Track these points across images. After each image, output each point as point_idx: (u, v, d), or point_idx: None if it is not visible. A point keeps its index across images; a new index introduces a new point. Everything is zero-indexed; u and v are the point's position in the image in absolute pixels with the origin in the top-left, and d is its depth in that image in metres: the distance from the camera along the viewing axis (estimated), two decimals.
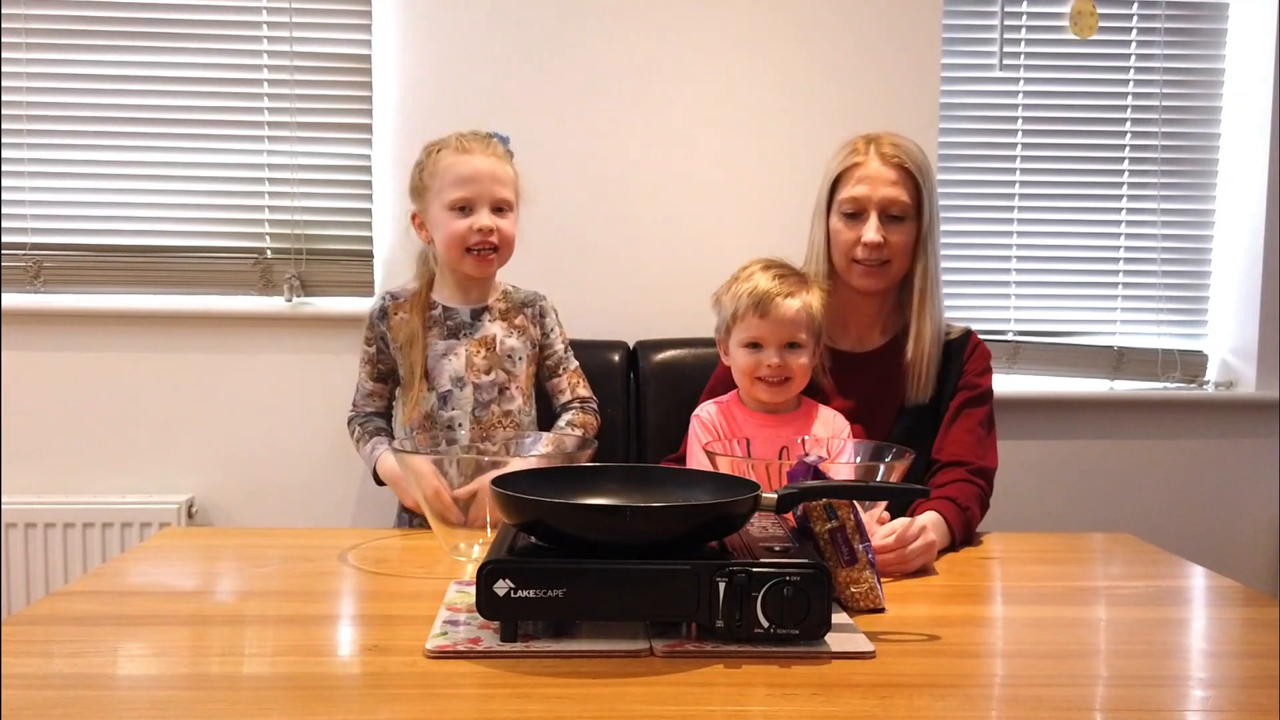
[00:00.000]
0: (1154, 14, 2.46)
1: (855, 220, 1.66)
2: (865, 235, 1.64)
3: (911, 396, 1.68)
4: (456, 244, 1.66)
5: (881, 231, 1.63)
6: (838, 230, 1.68)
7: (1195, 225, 2.52)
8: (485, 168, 1.65)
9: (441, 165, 1.65)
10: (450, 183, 1.64)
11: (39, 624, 1.10)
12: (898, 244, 1.65)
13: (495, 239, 1.66)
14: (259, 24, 2.30)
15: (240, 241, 2.34)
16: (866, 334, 1.75)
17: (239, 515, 2.32)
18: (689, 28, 2.31)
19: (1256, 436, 2.47)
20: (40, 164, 2.29)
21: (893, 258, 1.66)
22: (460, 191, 1.64)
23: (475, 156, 1.65)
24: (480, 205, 1.65)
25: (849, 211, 1.67)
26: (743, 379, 1.61)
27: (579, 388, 1.81)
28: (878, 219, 1.64)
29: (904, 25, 2.33)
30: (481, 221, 1.64)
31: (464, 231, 1.64)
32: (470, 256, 1.67)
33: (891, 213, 1.65)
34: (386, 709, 0.90)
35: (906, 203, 1.65)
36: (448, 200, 1.65)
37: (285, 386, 2.31)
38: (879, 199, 1.64)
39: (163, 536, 1.53)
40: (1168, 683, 1.01)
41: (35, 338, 2.27)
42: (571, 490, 1.15)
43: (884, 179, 1.64)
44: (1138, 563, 1.48)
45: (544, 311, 1.79)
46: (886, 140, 1.68)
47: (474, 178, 1.64)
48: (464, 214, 1.65)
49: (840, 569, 1.16)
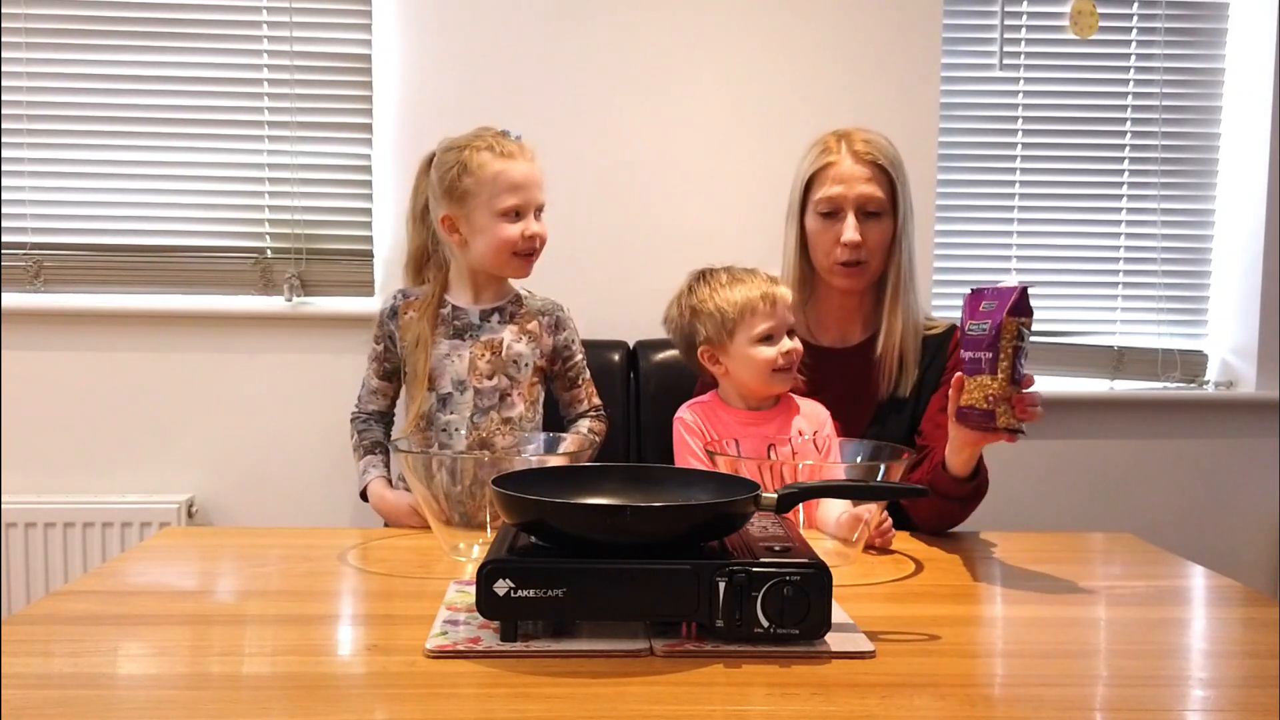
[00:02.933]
0: (1154, 14, 2.46)
1: (832, 220, 1.67)
2: (844, 235, 1.65)
3: (883, 390, 1.70)
4: (506, 249, 1.68)
5: (859, 230, 1.64)
6: (815, 231, 1.69)
7: (1195, 225, 2.52)
8: (530, 173, 1.68)
9: (488, 171, 1.65)
10: (502, 190, 1.65)
11: (39, 624, 1.10)
12: (875, 241, 1.66)
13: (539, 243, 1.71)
14: (259, 24, 2.30)
15: (240, 241, 2.34)
16: (848, 330, 1.77)
17: (239, 515, 2.32)
18: (689, 28, 2.31)
19: (1256, 436, 2.47)
20: (40, 164, 2.29)
21: (871, 256, 1.67)
22: (513, 199, 1.66)
23: (519, 163, 1.67)
24: (528, 211, 1.68)
25: (825, 211, 1.67)
26: (760, 374, 1.60)
27: (594, 396, 1.85)
28: (855, 217, 1.65)
29: (904, 25, 2.33)
30: (533, 228, 1.68)
31: (516, 238, 1.67)
32: (516, 259, 1.70)
33: (868, 210, 1.65)
34: (386, 709, 0.90)
35: (882, 199, 1.66)
36: (500, 207, 1.66)
37: (285, 386, 2.31)
38: (855, 197, 1.65)
39: (163, 536, 1.53)
40: (1168, 683, 1.01)
41: (35, 338, 2.27)
42: (571, 490, 1.15)
43: (859, 177, 1.65)
44: (1138, 563, 1.48)
45: (561, 324, 1.80)
46: (858, 137, 1.68)
47: (523, 184, 1.67)
48: (514, 220, 1.67)
49: (1007, 384, 1.25)
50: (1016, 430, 1.29)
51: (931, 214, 2.37)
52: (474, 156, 1.66)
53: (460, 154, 1.68)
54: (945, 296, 2.46)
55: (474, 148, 1.67)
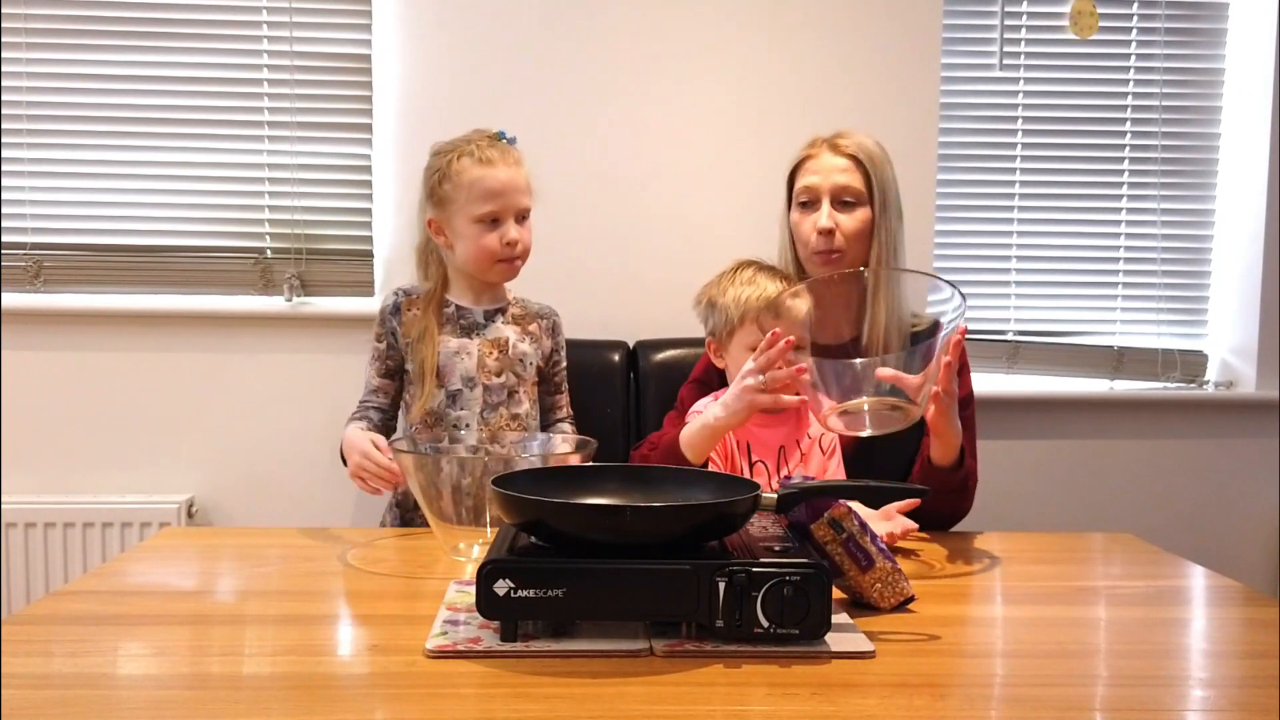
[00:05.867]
0: (1154, 14, 2.46)
1: (809, 209, 1.72)
2: (819, 222, 1.69)
3: None
4: (485, 256, 1.69)
5: (834, 218, 1.68)
6: (795, 222, 1.74)
7: (1195, 225, 2.52)
8: (509, 179, 1.68)
9: (465, 178, 1.66)
10: (478, 197, 1.66)
11: (39, 624, 1.10)
12: (850, 230, 1.69)
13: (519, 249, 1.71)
14: (259, 24, 2.30)
15: (240, 241, 2.34)
16: (840, 327, 1.77)
17: (239, 515, 2.32)
18: (689, 29, 2.31)
19: (1256, 436, 2.47)
20: (40, 164, 2.29)
21: (846, 246, 1.69)
22: (488, 206, 1.67)
23: (498, 169, 1.67)
24: (507, 217, 1.68)
25: (803, 200, 1.73)
26: None
27: (569, 406, 1.86)
28: (830, 205, 1.69)
29: (904, 25, 2.33)
30: (510, 235, 1.68)
31: (493, 245, 1.68)
32: (499, 265, 1.71)
33: (843, 199, 1.69)
34: (386, 709, 0.90)
35: (858, 189, 1.69)
36: (475, 214, 1.67)
37: (285, 386, 2.31)
38: (830, 186, 1.70)
39: (163, 536, 1.53)
40: (1168, 683, 1.01)
41: (35, 338, 2.27)
42: (571, 490, 1.15)
43: (835, 168, 1.70)
44: (1138, 563, 1.48)
45: (557, 328, 1.83)
46: (843, 135, 1.74)
47: (500, 191, 1.67)
48: (492, 226, 1.67)
49: (860, 576, 1.16)
50: (906, 600, 1.18)
51: (932, 214, 2.37)
52: (454, 163, 1.68)
53: (443, 159, 1.70)
54: None
55: (457, 153, 1.69)
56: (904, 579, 1.18)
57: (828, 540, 1.15)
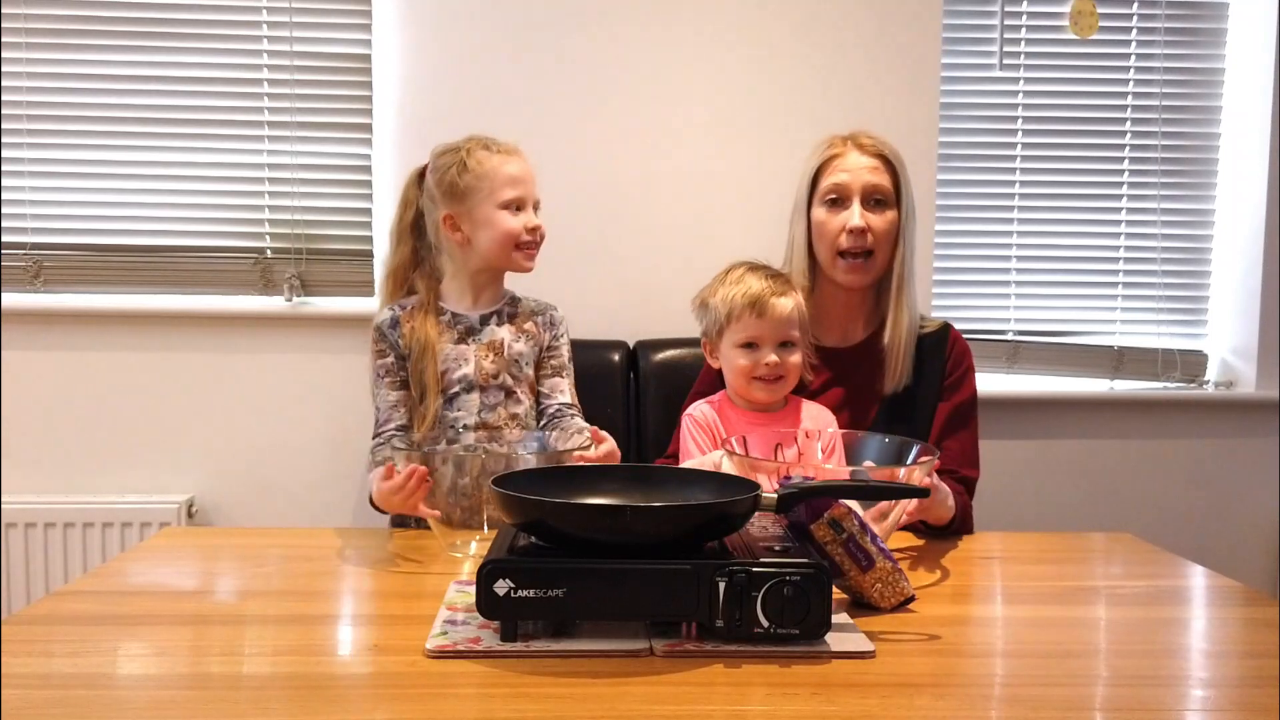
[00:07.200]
0: (1154, 14, 2.46)
1: (838, 207, 1.69)
2: (850, 221, 1.66)
3: (889, 385, 1.70)
4: (509, 240, 1.71)
5: (865, 217, 1.66)
6: (821, 221, 1.70)
7: (1195, 225, 2.52)
8: (526, 169, 1.74)
9: (487, 166, 1.70)
10: (503, 182, 1.70)
11: (39, 624, 1.10)
12: (881, 230, 1.67)
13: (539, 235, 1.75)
14: (259, 24, 2.30)
15: (240, 241, 2.34)
16: (850, 329, 1.77)
17: (239, 515, 2.32)
18: (688, 29, 2.31)
19: (1256, 436, 2.47)
20: (40, 164, 2.29)
21: (876, 246, 1.68)
22: (514, 191, 1.70)
23: (517, 159, 1.73)
24: (528, 205, 1.73)
25: (832, 198, 1.69)
26: (739, 379, 1.62)
27: (574, 394, 1.82)
28: (861, 205, 1.67)
29: (904, 25, 2.33)
30: (534, 220, 1.72)
31: (519, 230, 1.71)
32: (520, 251, 1.73)
33: (874, 198, 1.68)
34: (386, 709, 0.90)
35: (888, 188, 1.68)
36: (501, 199, 1.70)
37: (285, 386, 2.31)
38: (861, 184, 1.68)
39: (163, 536, 1.53)
40: (1168, 683, 1.01)
41: (35, 338, 2.27)
42: (571, 490, 1.15)
43: (864, 166, 1.68)
44: (1138, 563, 1.48)
45: (555, 321, 1.83)
46: (863, 135, 1.73)
47: (522, 178, 1.72)
48: (516, 212, 1.71)
49: (860, 576, 1.16)
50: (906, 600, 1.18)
51: (932, 214, 2.37)
52: (472, 154, 1.71)
53: (457, 154, 1.72)
54: (945, 296, 2.46)
55: (470, 147, 1.72)
56: (904, 579, 1.18)
57: (828, 540, 1.15)
